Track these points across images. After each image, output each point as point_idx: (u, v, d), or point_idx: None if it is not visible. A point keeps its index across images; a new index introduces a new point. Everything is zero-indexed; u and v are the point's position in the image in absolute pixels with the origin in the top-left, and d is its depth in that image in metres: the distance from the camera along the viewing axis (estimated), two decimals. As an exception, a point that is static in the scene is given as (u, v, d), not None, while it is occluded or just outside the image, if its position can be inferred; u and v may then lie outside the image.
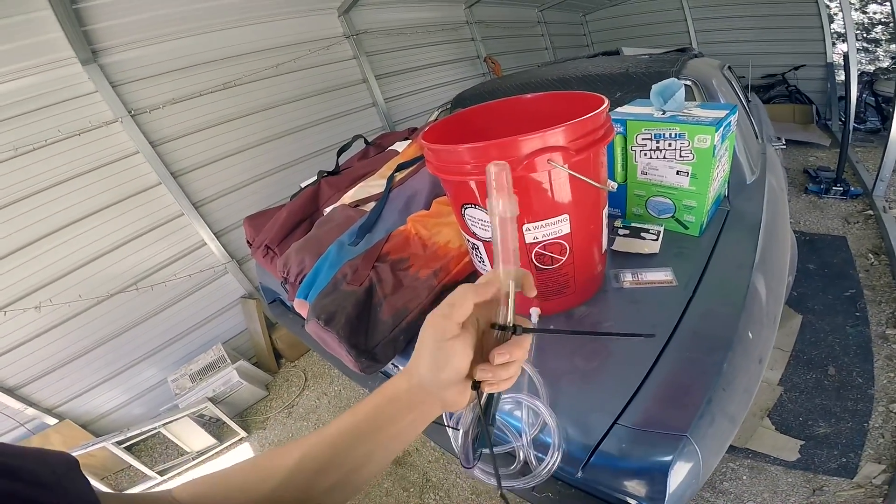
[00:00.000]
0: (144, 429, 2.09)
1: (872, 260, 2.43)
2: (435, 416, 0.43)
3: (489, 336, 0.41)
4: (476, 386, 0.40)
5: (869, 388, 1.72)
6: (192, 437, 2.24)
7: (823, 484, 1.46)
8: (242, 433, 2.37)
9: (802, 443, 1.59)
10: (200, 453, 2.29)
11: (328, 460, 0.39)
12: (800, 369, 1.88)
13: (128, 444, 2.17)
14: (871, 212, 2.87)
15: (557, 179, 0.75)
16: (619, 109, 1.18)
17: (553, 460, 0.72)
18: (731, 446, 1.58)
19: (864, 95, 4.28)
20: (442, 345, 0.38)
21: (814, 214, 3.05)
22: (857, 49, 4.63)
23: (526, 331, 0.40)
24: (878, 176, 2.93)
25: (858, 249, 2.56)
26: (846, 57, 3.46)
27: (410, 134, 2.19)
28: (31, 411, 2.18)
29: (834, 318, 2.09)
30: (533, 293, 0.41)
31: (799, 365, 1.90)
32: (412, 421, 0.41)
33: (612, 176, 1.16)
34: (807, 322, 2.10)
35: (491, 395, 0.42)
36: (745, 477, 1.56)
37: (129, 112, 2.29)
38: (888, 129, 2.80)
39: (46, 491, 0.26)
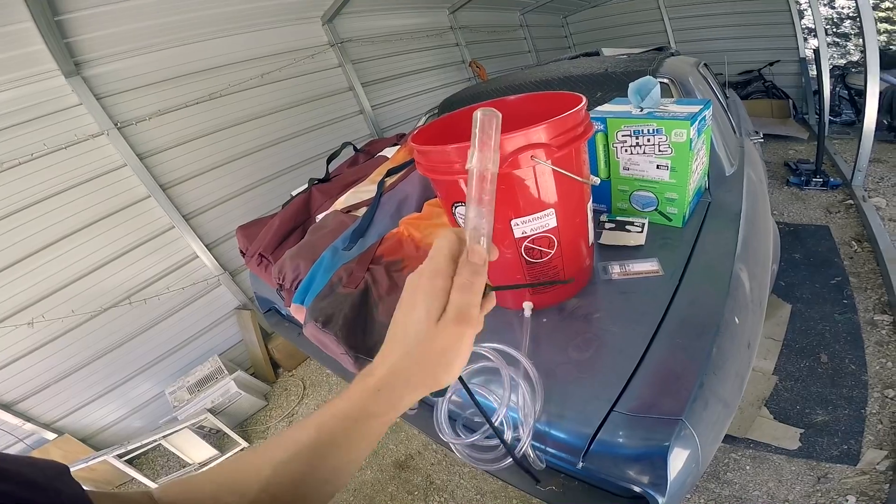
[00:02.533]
0: (145, 441, 2.07)
1: (856, 247, 2.49)
2: (410, 403, 0.40)
3: None
4: None
5: (862, 375, 1.75)
6: (194, 448, 2.22)
7: (827, 471, 1.47)
8: (244, 443, 2.35)
9: (802, 431, 1.60)
10: (202, 464, 2.27)
11: (299, 479, 0.36)
12: (793, 358, 1.91)
13: (129, 457, 2.15)
14: (851, 201, 2.95)
15: (542, 175, 0.78)
16: (599, 108, 1.22)
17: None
18: (731, 436, 1.64)
19: (838, 89, 4.38)
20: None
21: (796, 206, 3.12)
22: (828, 44, 4.78)
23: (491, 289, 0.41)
24: (855, 166, 3.02)
25: (841, 238, 2.62)
26: (817, 52, 3.56)
27: (399, 140, 2.21)
28: (29, 426, 2.16)
29: (822, 306, 2.13)
30: (494, 255, 0.41)
31: (791, 353, 1.93)
32: (407, 402, 0.39)
33: (595, 172, 1.20)
34: (796, 311, 2.14)
35: None
36: (748, 467, 1.57)
37: (115, 124, 2.29)
38: (862, 122, 2.89)
39: (40, 492, 0.27)
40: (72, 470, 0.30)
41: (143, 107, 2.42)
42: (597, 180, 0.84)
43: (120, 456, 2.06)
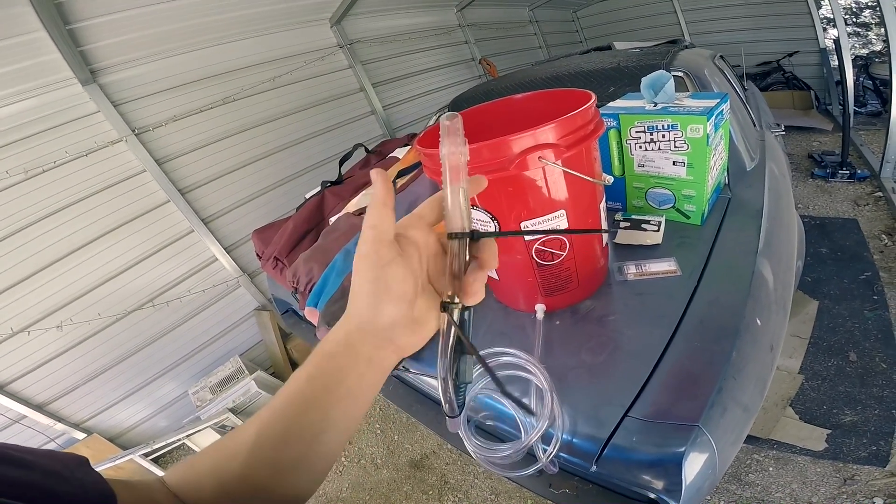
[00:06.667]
0: (169, 441, 2.13)
1: (886, 241, 2.38)
2: (391, 365, 0.39)
3: (439, 263, 0.39)
4: (444, 308, 0.37)
5: (893, 374, 1.68)
6: (216, 447, 2.28)
7: (854, 473, 1.43)
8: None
9: (829, 432, 1.56)
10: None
11: (283, 432, 0.37)
12: (820, 356, 1.84)
13: (154, 455, 2.21)
14: (880, 193, 2.82)
15: (552, 175, 0.76)
16: (611, 104, 1.19)
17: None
18: (754, 437, 1.60)
19: (862, 79, 4.22)
20: (379, 273, 0.35)
21: (822, 199, 3.01)
22: (849, 33, 4.58)
23: (484, 235, 0.38)
24: (883, 158, 2.90)
25: (870, 231, 2.51)
26: (837, 42, 3.43)
27: (410, 140, 2.22)
28: (60, 426, 2.25)
29: (851, 303, 2.05)
30: (483, 185, 0.40)
31: (819, 352, 1.86)
32: (361, 374, 0.37)
33: (609, 170, 1.17)
34: (823, 308, 2.06)
35: (462, 320, 0.38)
36: (771, 468, 1.53)
37: (133, 131, 2.34)
38: (889, 112, 2.77)
39: (63, 481, 0.28)
40: (100, 469, 0.31)
41: (160, 112, 2.47)
42: (610, 179, 0.82)
43: (145, 455, 2.12)
